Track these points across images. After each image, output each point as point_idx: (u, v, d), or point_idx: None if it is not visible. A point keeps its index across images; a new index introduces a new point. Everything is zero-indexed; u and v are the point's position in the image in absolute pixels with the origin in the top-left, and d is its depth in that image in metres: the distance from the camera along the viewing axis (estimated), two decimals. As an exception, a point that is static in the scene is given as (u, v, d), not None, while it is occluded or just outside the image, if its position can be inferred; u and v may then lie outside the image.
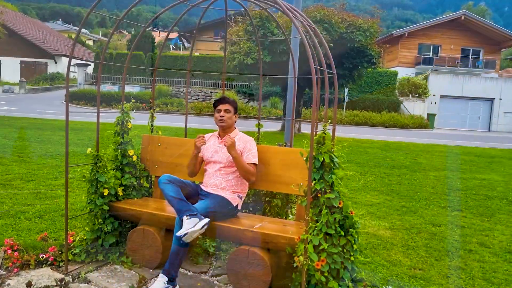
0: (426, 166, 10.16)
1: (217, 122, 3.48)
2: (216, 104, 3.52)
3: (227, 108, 3.47)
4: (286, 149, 3.50)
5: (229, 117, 3.46)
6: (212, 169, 3.43)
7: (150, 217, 3.47)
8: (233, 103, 3.52)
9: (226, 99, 3.49)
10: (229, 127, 3.49)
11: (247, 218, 3.40)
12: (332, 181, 2.85)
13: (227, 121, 3.45)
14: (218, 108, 3.49)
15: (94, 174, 3.50)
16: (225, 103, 3.48)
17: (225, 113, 3.46)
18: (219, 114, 3.46)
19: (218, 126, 3.51)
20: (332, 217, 2.81)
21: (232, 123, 3.50)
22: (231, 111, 3.48)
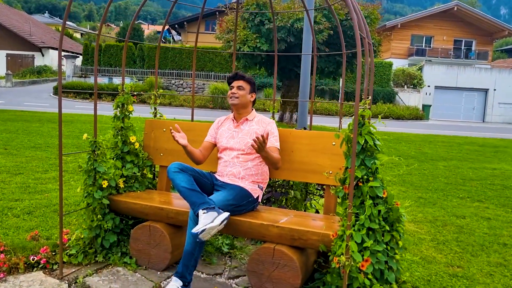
0: (433, 156, 9.81)
1: (229, 100, 3.07)
2: (229, 81, 3.10)
3: (240, 84, 3.04)
4: (312, 133, 3.07)
5: (243, 95, 3.03)
6: (228, 157, 2.99)
7: (157, 212, 3.03)
8: (249, 80, 3.09)
9: (239, 75, 3.07)
10: (243, 106, 3.05)
11: (269, 211, 2.98)
12: (375, 167, 2.43)
13: (240, 99, 3.02)
14: (231, 85, 3.08)
15: (92, 164, 3.05)
16: (238, 79, 3.06)
17: (237, 90, 3.03)
18: (230, 91, 3.05)
19: (231, 105, 3.08)
20: (375, 209, 2.39)
21: (247, 103, 3.07)
22: (245, 89, 3.05)
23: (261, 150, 2.66)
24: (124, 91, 3.33)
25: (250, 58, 13.43)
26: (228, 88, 3.12)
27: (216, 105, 22.95)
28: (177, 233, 3.07)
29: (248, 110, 3.10)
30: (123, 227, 3.27)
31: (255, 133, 2.98)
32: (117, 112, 3.35)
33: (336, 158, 2.97)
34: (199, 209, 2.59)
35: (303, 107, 4.55)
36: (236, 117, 3.11)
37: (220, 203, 2.69)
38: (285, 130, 3.13)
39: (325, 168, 2.99)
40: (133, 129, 3.38)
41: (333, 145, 2.98)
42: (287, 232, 2.65)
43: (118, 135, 3.31)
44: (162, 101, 22.89)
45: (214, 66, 28.11)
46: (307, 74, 4.51)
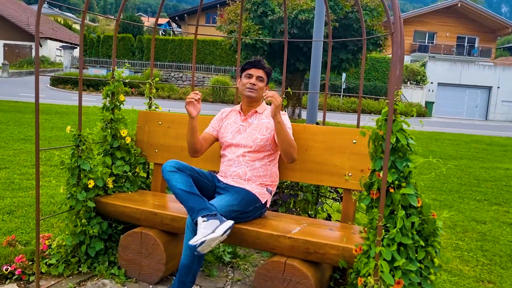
0: (442, 154, 9.43)
1: (244, 91, 2.62)
2: (247, 67, 2.65)
3: (260, 75, 2.62)
4: (329, 129, 2.68)
5: (261, 87, 2.63)
6: (233, 155, 2.60)
7: (150, 217, 2.64)
8: (269, 71, 2.69)
9: (261, 63, 2.64)
10: (257, 99, 2.65)
11: (279, 218, 2.59)
12: (409, 171, 2.05)
13: (258, 92, 2.61)
14: (249, 73, 2.63)
15: (75, 161, 2.65)
16: (259, 68, 2.63)
17: (257, 81, 2.62)
18: (249, 81, 2.61)
19: (244, 97, 2.66)
20: (408, 221, 2.01)
21: (262, 96, 2.67)
22: (264, 80, 2.65)
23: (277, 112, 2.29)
24: (115, 78, 2.93)
25: (252, 50, 13.01)
26: (240, 75, 2.69)
27: (216, 99, 22.52)
28: (172, 242, 2.69)
29: (260, 103, 2.70)
30: (111, 233, 2.88)
31: (265, 128, 2.59)
32: (106, 102, 2.95)
33: (356, 159, 2.58)
34: (198, 216, 2.21)
35: (313, 100, 4.16)
36: (244, 109, 2.70)
37: (223, 209, 2.31)
38: (298, 125, 2.74)
39: (343, 170, 2.61)
40: (124, 122, 2.99)
41: (353, 143, 2.60)
42: (301, 245, 2.27)
43: (107, 128, 2.91)
44: (161, 94, 22.48)
45: (215, 59, 27.63)
46: (318, 64, 4.12)
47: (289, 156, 2.45)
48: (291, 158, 2.46)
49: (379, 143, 2.11)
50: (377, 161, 2.09)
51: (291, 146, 2.41)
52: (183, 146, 3.02)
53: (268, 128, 2.58)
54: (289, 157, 2.46)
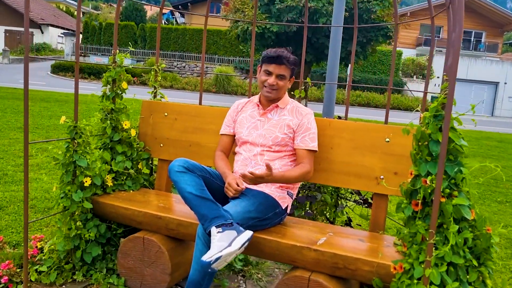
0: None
1: (262, 89, 2.28)
2: (267, 62, 2.24)
3: (282, 73, 2.23)
4: (358, 125, 2.36)
5: (283, 86, 2.27)
6: (249, 153, 2.28)
7: (154, 221, 2.34)
8: (293, 65, 2.27)
9: (284, 58, 2.21)
10: (278, 98, 2.32)
11: (300, 226, 2.28)
12: (462, 178, 1.73)
13: (278, 92, 2.27)
14: (268, 70, 2.24)
15: (70, 156, 2.35)
16: (281, 64, 2.21)
17: (277, 79, 2.24)
18: (267, 79, 2.24)
19: (263, 95, 2.32)
20: (460, 236, 1.70)
21: (284, 92, 2.34)
22: (286, 77, 2.27)
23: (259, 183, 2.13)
24: (116, 63, 2.61)
25: (259, 39, 12.64)
26: (262, 66, 2.29)
27: (219, 89, 22.16)
28: (178, 248, 2.39)
29: (282, 97, 2.37)
30: (110, 236, 2.58)
31: (286, 126, 2.26)
32: (106, 90, 2.64)
33: (389, 159, 2.27)
34: (211, 226, 1.90)
35: (331, 93, 3.84)
36: (263, 102, 2.37)
37: (239, 216, 2.00)
38: (323, 120, 2.42)
39: (374, 172, 2.29)
40: (126, 112, 2.67)
41: (386, 142, 2.28)
42: (328, 259, 1.96)
43: (107, 120, 2.60)
44: (163, 83, 22.10)
45: (218, 49, 27.20)
46: (336, 53, 3.79)
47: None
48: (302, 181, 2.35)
49: (425, 143, 1.79)
50: (422, 165, 1.78)
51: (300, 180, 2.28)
52: (191, 141, 2.72)
53: (290, 127, 2.26)
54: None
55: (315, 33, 12.53)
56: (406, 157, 2.22)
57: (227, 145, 2.41)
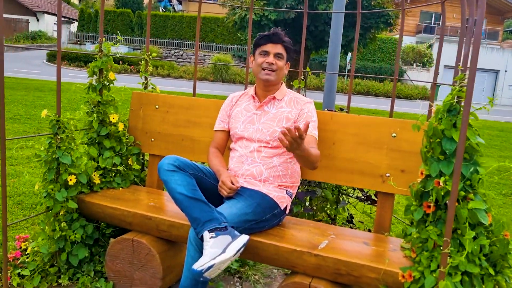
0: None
1: (260, 73, 2.11)
2: (262, 42, 2.12)
3: (279, 52, 2.10)
4: (363, 119, 2.20)
5: (281, 67, 2.12)
6: (245, 149, 2.12)
7: (144, 222, 2.18)
8: (289, 45, 2.14)
9: (280, 36, 2.10)
10: (276, 83, 2.16)
11: (299, 227, 2.13)
12: (479, 179, 1.58)
13: (277, 73, 2.11)
14: (265, 50, 2.10)
15: (53, 152, 2.18)
16: (277, 43, 2.09)
17: (275, 59, 2.10)
18: (265, 59, 2.10)
19: (260, 80, 2.15)
20: (476, 243, 1.55)
21: (282, 78, 2.17)
22: (283, 57, 2.13)
23: (294, 148, 1.76)
24: (103, 52, 2.44)
25: (256, 27, 12.39)
26: (253, 52, 2.19)
27: (217, 78, 21.91)
28: (170, 251, 2.24)
29: (278, 86, 2.20)
30: (98, 237, 2.43)
31: (285, 119, 2.10)
32: (92, 81, 2.46)
33: (396, 156, 2.11)
34: (204, 230, 1.75)
35: (331, 82, 3.66)
36: (259, 94, 2.21)
37: (235, 219, 1.85)
38: (325, 113, 2.25)
39: (379, 169, 2.14)
40: (114, 105, 2.50)
41: (393, 137, 2.12)
42: (331, 264, 1.81)
43: (94, 113, 2.43)
44: (160, 72, 21.83)
45: (216, 37, 26.86)
46: (338, 40, 3.61)
47: (308, 167, 2.01)
48: (310, 168, 2.01)
49: (437, 140, 1.63)
50: (434, 165, 1.63)
51: (314, 161, 1.96)
52: (184, 135, 2.55)
53: (289, 119, 2.10)
54: (308, 167, 2.02)
55: (314, 20, 12.28)
56: (414, 153, 2.07)
57: (222, 142, 2.25)
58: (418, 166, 2.04)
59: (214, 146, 2.24)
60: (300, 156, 1.86)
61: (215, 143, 2.25)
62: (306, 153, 1.83)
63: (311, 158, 1.90)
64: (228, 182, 1.96)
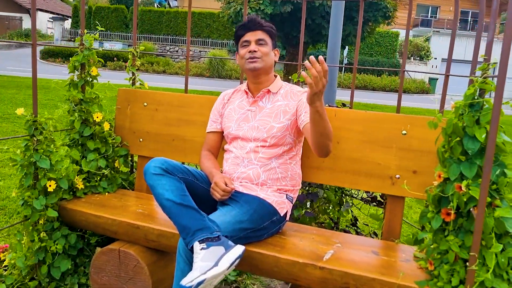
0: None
1: (245, 64, 1.94)
2: (241, 33, 1.97)
3: (260, 37, 1.93)
4: (370, 115, 2.01)
5: (266, 53, 1.93)
6: (240, 150, 1.93)
7: (131, 231, 1.99)
8: (270, 30, 1.98)
9: (258, 22, 1.94)
10: (266, 71, 1.96)
11: (301, 234, 1.94)
12: (506, 183, 1.39)
13: (264, 60, 1.92)
14: (245, 40, 1.94)
15: (30, 156, 1.99)
16: (256, 29, 1.94)
17: (258, 46, 1.92)
18: (247, 49, 1.93)
19: (248, 72, 1.97)
20: (504, 255, 1.37)
21: (271, 65, 1.99)
22: (267, 43, 1.95)
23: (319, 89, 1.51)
24: (84, 46, 2.24)
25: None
26: (238, 47, 2.01)
27: (213, 74, 21.68)
28: (160, 262, 2.05)
29: (270, 77, 2.01)
30: (83, 246, 2.24)
31: (282, 113, 1.92)
32: (73, 77, 2.26)
33: (406, 156, 1.92)
34: (194, 241, 1.56)
35: (332, 76, 3.47)
36: (251, 89, 2.02)
37: (229, 227, 1.66)
38: (328, 109, 2.06)
39: (388, 170, 1.95)
40: (98, 103, 2.31)
41: (403, 134, 1.93)
42: (338, 278, 1.63)
43: (75, 111, 2.23)
44: (156, 68, 21.59)
45: (212, 32, 26.58)
46: (338, 32, 3.42)
47: (323, 150, 1.74)
48: (326, 151, 1.75)
49: (457, 139, 1.45)
50: (454, 167, 1.44)
51: (329, 138, 1.71)
52: (175, 134, 2.36)
53: (287, 112, 1.91)
54: (323, 151, 1.75)
55: (311, 13, 12.07)
56: (426, 152, 1.88)
57: (215, 144, 2.06)
58: (432, 167, 1.86)
59: (206, 148, 2.05)
60: (318, 119, 1.61)
61: (208, 146, 2.06)
62: (324, 113, 1.61)
63: (328, 126, 1.66)
64: (222, 183, 1.77)
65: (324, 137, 1.68)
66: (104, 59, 21.45)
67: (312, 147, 1.77)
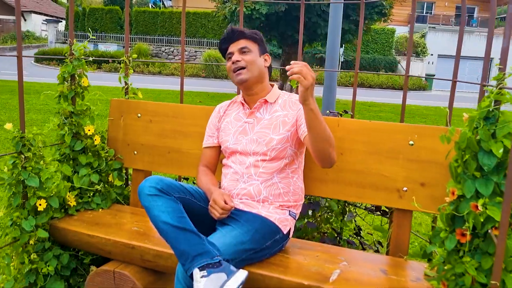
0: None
1: (233, 77, 1.86)
2: (224, 47, 1.90)
3: (243, 46, 1.85)
4: (375, 125, 1.92)
5: (252, 60, 1.83)
6: (239, 165, 1.83)
7: (126, 251, 1.90)
8: (254, 36, 1.89)
9: (237, 32, 1.87)
10: (257, 80, 1.86)
11: (305, 251, 1.85)
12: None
13: (250, 69, 1.82)
14: (229, 52, 1.87)
15: (18, 174, 1.89)
16: (238, 39, 1.86)
17: (241, 55, 1.83)
18: (230, 62, 1.85)
19: (238, 85, 1.89)
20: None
21: (262, 72, 1.88)
22: (252, 50, 1.85)
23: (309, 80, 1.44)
24: (74, 56, 2.13)
25: (247, 21, 12.07)
26: (225, 59, 1.93)
27: (209, 74, 21.56)
28: (158, 283, 1.96)
29: (265, 86, 1.91)
30: (76, 266, 2.15)
31: (282, 124, 1.82)
32: (64, 88, 2.16)
33: (414, 167, 1.83)
34: (194, 267, 1.47)
35: (331, 80, 3.38)
36: (247, 100, 1.92)
37: (230, 250, 1.56)
38: (331, 119, 1.97)
39: (395, 182, 1.86)
40: (90, 115, 2.21)
41: (410, 145, 1.84)
42: (346, 301, 1.54)
43: (66, 125, 2.13)
44: (151, 70, 21.45)
45: (207, 32, 26.44)
46: (336, 33, 3.32)
47: (326, 159, 1.64)
48: (329, 160, 1.65)
49: (473, 153, 1.36)
50: (468, 183, 1.35)
51: (330, 143, 1.61)
52: (171, 147, 2.26)
53: (287, 123, 1.81)
54: (326, 159, 1.64)
55: (307, 12, 11.97)
56: (435, 163, 1.80)
57: (212, 160, 1.97)
58: (441, 179, 1.77)
59: (203, 164, 1.96)
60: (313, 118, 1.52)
61: (205, 161, 1.96)
62: (317, 111, 1.52)
63: (325, 127, 1.57)
64: (221, 201, 1.67)
65: (325, 142, 1.58)
66: (99, 61, 21.32)
67: (314, 156, 1.67)
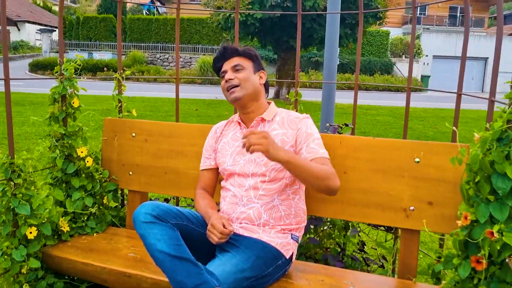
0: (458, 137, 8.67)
1: (227, 96, 1.80)
2: (218, 65, 1.86)
3: (237, 64, 1.79)
4: (379, 142, 1.85)
5: (245, 78, 1.77)
6: (239, 188, 1.75)
7: (122, 279, 1.81)
8: (247, 53, 1.84)
9: (231, 49, 1.83)
10: (252, 97, 1.80)
11: (309, 276, 1.77)
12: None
13: (244, 87, 1.76)
14: (223, 70, 1.82)
15: (8, 201, 1.80)
16: (231, 57, 1.82)
17: (234, 73, 1.78)
18: (224, 81, 1.80)
19: (233, 104, 1.83)
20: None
21: (257, 90, 1.82)
22: (245, 68, 1.80)
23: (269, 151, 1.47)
24: (64, 75, 2.06)
25: (242, 27, 12.03)
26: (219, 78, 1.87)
27: (204, 80, 21.49)
28: (156, 311, 1.87)
29: (262, 104, 1.84)
30: (71, 294, 2.06)
31: (280, 143, 1.74)
32: (54, 109, 2.08)
33: (420, 185, 1.76)
34: (192, 301, 1.39)
35: (330, 90, 3.31)
36: (244, 119, 1.86)
37: (230, 278, 1.49)
38: (332, 137, 1.90)
39: (401, 201, 1.79)
40: (82, 136, 2.13)
41: (416, 162, 1.77)
42: (354, 331, 1.46)
43: (57, 147, 2.05)
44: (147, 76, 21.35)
45: (202, 38, 26.40)
46: (334, 43, 3.26)
47: (326, 191, 1.61)
48: (329, 191, 1.61)
49: (486, 175, 1.29)
50: (482, 207, 1.28)
51: (323, 178, 1.57)
52: (168, 167, 2.18)
53: (286, 142, 1.74)
54: (326, 191, 1.61)
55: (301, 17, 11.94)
56: (443, 181, 1.73)
57: (210, 182, 1.89)
58: (449, 197, 1.70)
59: (201, 187, 1.88)
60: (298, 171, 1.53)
61: (202, 184, 1.89)
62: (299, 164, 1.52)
63: (316, 173, 1.55)
64: (219, 225, 1.60)
65: (318, 180, 1.57)
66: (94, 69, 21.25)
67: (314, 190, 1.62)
